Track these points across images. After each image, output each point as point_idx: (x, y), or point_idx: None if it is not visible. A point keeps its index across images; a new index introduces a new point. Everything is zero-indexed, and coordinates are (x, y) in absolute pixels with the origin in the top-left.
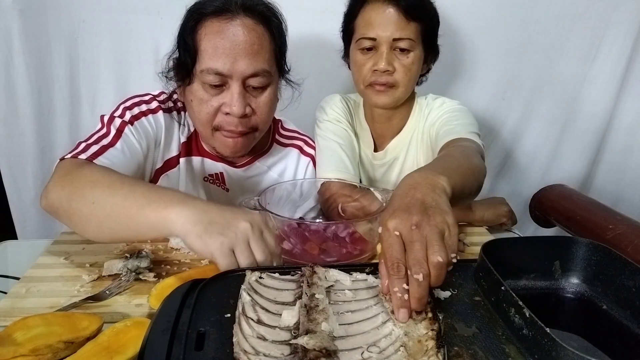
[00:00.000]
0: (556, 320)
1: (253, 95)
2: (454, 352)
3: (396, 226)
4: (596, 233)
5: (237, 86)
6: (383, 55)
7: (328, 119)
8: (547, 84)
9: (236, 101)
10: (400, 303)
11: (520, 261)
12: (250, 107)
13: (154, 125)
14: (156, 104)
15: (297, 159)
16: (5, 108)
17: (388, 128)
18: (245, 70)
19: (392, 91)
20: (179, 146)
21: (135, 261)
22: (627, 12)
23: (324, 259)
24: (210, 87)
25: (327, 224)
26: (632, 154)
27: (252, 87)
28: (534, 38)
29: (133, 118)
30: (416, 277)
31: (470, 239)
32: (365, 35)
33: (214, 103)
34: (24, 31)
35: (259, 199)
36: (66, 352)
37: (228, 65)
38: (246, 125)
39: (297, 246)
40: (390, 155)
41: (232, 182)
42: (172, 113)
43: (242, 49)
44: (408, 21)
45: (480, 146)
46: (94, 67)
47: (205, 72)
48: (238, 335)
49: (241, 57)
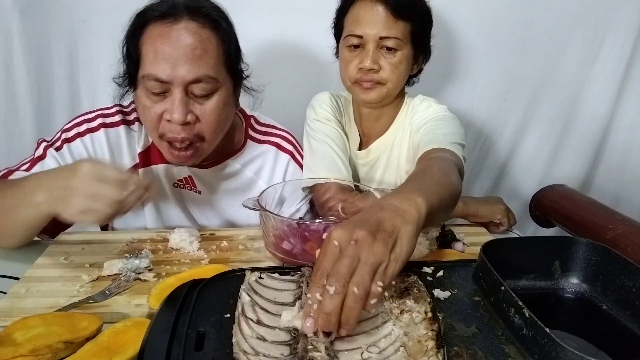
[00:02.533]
0: (556, 320)
1: (198, 102)
2: (454, 352)
3: (338, 236)
4: (596, 233)
5: (178, 92)
6: (369, 54)
7: (317, 118)
8: (547, 84)
9: (176, 108)
10: (308, 311)
11: (520, 261)
12: (194, 115)
13: (91, 145)
14: (100, 121)
15: (274, 156)
16: (5, 108)
17: (374, 127)
18: (186, 76)
19: (380, 87)
20: (134, 158)
21: (135, 261)
22: (627, 12)
23: None
24: (153, 94)
25: (327, 224)
26: (632, 154)
27: (194, 94)
28: (534, 39)
29: (64, 141)
30: (328, 289)
31: (470, 239)
32: (353, 32)
33: (157, 110)
34: (24, 31)
35: (259, 199)
36: (66, 352)
37: (168, 71)
38: (189, 133)
39: (297, 246)
40: (372, 155)
41: (204, 184)
42: (119, 128)
43: (181, 53)
44: (396, 20)
45: (460, 159)
46: (94, 67)
47: (145, 78)
48: (237, 336)
49: (181, 62)
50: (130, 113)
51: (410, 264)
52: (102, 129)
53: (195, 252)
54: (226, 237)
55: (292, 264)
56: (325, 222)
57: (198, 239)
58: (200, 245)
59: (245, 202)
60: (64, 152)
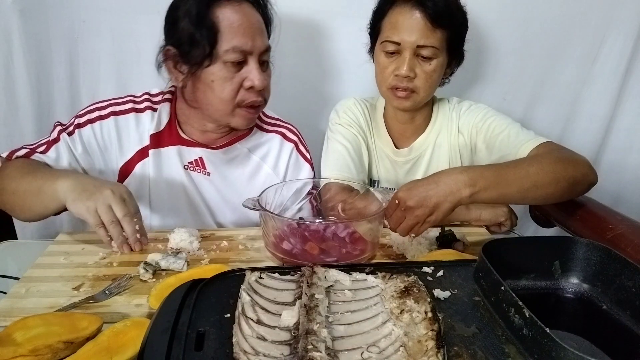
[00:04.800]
0: (556, 320)
1: (262, 70)
2: (454, 352)
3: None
4: (596, 233)
5: (255, 62)
6: (405, 61)
7: (340, 123)
8: (547, 84)
9: (259, 75)
10: None
11: (520, 261)
12: None
13: (99, 131)
14: (111, 109)
15: (280, 144)
16: (5, 108)
17: (410, 127)
18: (261, 47)
19: (413, 96)
20: (142, 140)
21: (172, 259)
22: (627, 12)
23: (324, 259)
24: (233, 65)
25: (326, 224)
26: (632, 154)
27: (262, 62)
28: (534, 39)
29: (76, 127)
30: None
31: (471, 239)
32: (390, 38)
33: (237, 79)
34: (24, 31)
35: (259, 199)
36: (66, 352)
37: (250, 43)
38: (262, 97)
39: (297, 246)
40: (415, 152)
41: (213, 166)
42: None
43: (257, 27)
44: (434, 29)
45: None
46: (94, 67)
47: (231, 50)
48: (238, 336)
49: (257, 34)
50: (142, 102)
51: (410, 264)
52: (111, 116)
53: (195, 252)
54: (226, 237)
55: (292, 264)
56: (325, 223)
57: (198, 239)
58: (200, 245)
59: (246, 202)
60: (74, 137)
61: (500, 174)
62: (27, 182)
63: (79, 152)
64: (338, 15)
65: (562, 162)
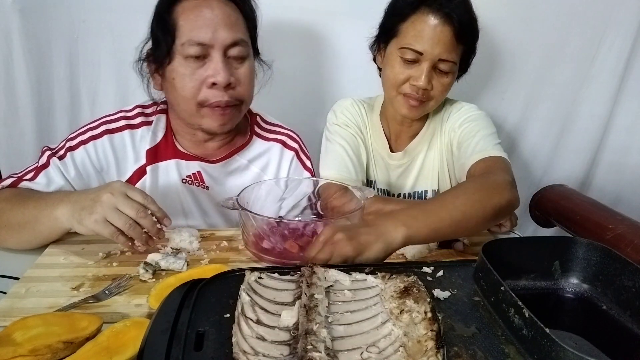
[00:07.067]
0: (556, 320)
1: (234, 67)
2: (454, 352)
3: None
4: (596, 233)
5: (219, 56)
6: (424, 72)
7: (337, 123)
8: (546, 83)
9: (221, 69)
10: None
11: (520, 261)
12: (234, 77)
13: (94, 152)
14: (104, 128)
15: (280, 153)
16: (5, 108)
17: (407, 130)
18: (226, 39)
19: (424, 105)
20: (139, 158)
21: (172, 259)
22: (626, 12)
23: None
24: (192, 60)
25: (305, 223)
26: (632, 154)
27: (232, 58)
28: (533, 38)
29: (68, 150)
30: None
31: (470, 239)
32: (412, 46)
33: (198, 76)
34: (24, 31)
35: (237, 198)
36: (65, 352)
37: (210, 35)
38: (231, 96)
39: (278, 245)
40: (408, 157)
41: (212, 180)
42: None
43: (220, 19)
44: (457, 44)
45: (505, 161)
46: (94, 67)
47: (186, 44)
48: (237, 336)
49: (221, 27)
50: (135, 117)
51: (410, 264)
52: (105, 135)
53: (195, 252)
54: (226, 237)
55: (279, 263)
56: (304, 221)
57: (198, 239)
58: (200, 245)
59: (224, 202)
60: (66, 161)
61: (430, 210)
62: (20, 213)
63: (72, 176)
64: (338, 16)
65: (487, 190)
